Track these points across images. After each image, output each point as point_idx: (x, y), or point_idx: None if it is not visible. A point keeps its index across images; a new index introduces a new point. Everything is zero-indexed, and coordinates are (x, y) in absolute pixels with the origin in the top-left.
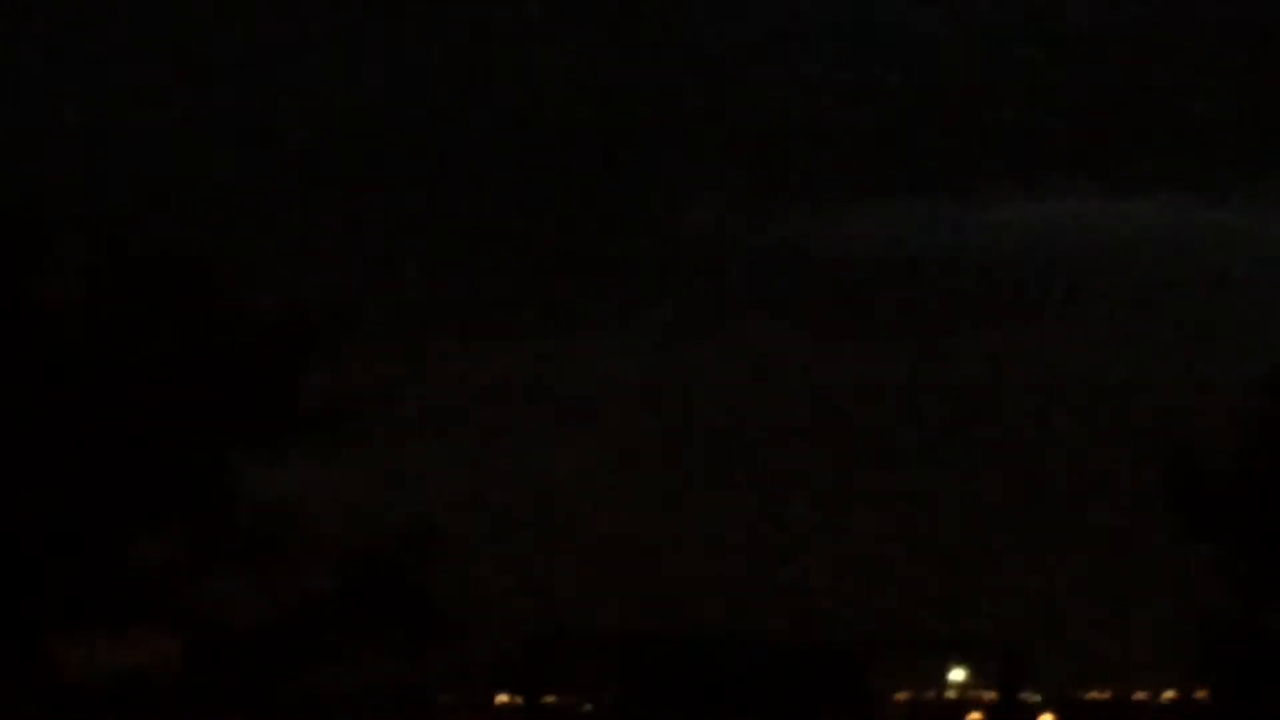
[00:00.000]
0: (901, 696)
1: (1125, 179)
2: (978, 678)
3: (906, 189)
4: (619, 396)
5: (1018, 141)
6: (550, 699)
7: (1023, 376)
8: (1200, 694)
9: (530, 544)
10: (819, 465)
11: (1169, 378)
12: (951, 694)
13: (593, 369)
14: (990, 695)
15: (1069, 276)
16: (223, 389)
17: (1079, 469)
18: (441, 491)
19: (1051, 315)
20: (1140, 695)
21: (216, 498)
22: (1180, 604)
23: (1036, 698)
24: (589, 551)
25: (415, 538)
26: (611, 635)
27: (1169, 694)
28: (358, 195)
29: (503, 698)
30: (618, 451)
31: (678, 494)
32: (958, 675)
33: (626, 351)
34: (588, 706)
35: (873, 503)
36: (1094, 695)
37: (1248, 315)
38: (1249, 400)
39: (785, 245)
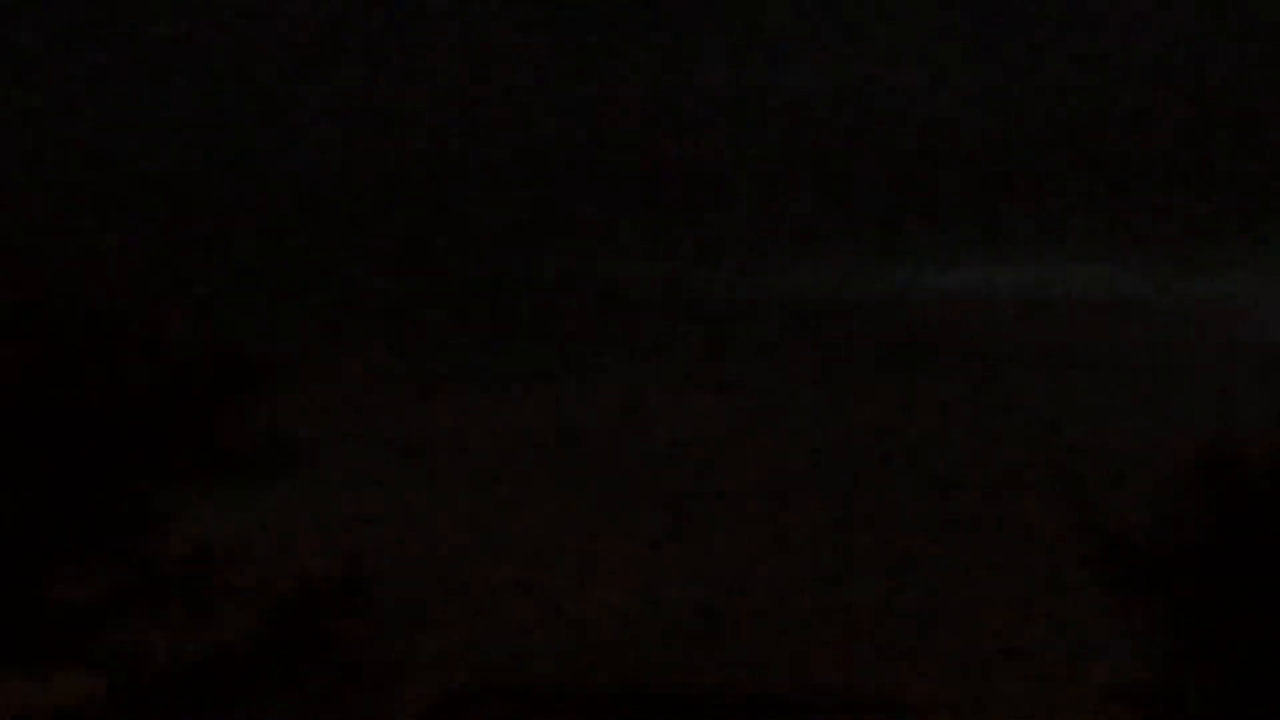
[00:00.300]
0: None
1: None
2: None
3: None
4: (549, 446)
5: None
6: None
7: (948, 437)
8: None
9: (453, 595)
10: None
11: (1093, 446)
12: None
13: (522, 419)
14: None
15: (990, 338)
16: (146, 429)
17: (1004, 533)
18: (366, 539)
19: (975, 377)
20: None
21: (140, 539)
22: (1104, 675)
23: None
24: (513, 604)
25: (339, 585)
26: (534, 689)
27: None
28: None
29: None
30: (547, 502)
31: (604, 546)
32: None
33: (555, 401)
34: None
35: (802, 558)
36: None
37: (1174, 385)
38: (1174, 473)
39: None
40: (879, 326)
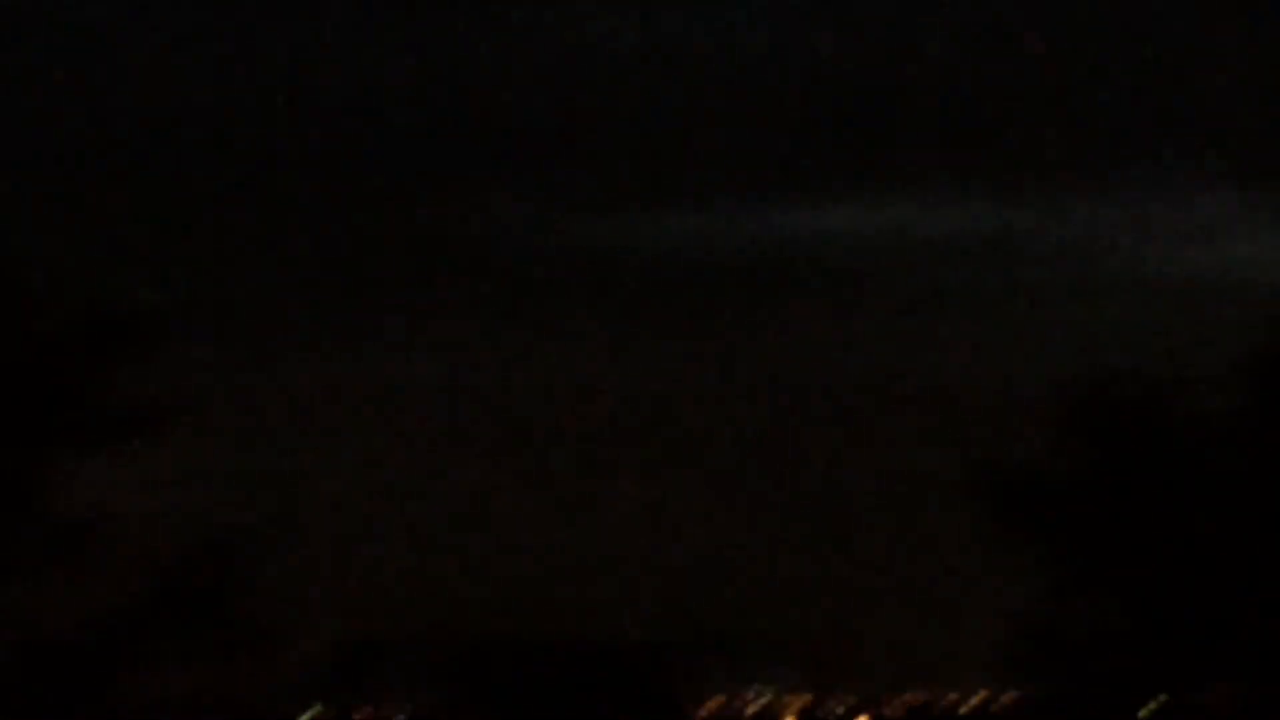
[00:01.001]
0: (713, 704)
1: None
2: (789, 682)
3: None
4: (428, 400)
5: (816, 146)
6: (361, 709)
7: (828, 378)
8: (1009, 696)
9: (341, 551)
10: (626, 466)
11: (974, 380)
12: (763, 700)
13: (403, 373)
14: (802, 701)
15: (873, 280)
16: (27, 390)
17: (888, 469)
18: (254, 497)
19: (857, 317)
20: (951, 697)
21: (20, 505)
22: (991, 606)
23: (850, 701)
24: (400, 557)
25: (225, 544)
26: (421, 642)
27: (979, 695)
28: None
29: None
30: (426, 456)
31: (486, 497)
32: (769, 680)
33: (435, 355)
34: (400, 717)
35: (682, 503)
36: (907, 698)
37: (1051, 317)
38: (1058, 402)
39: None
40: (748, 268)
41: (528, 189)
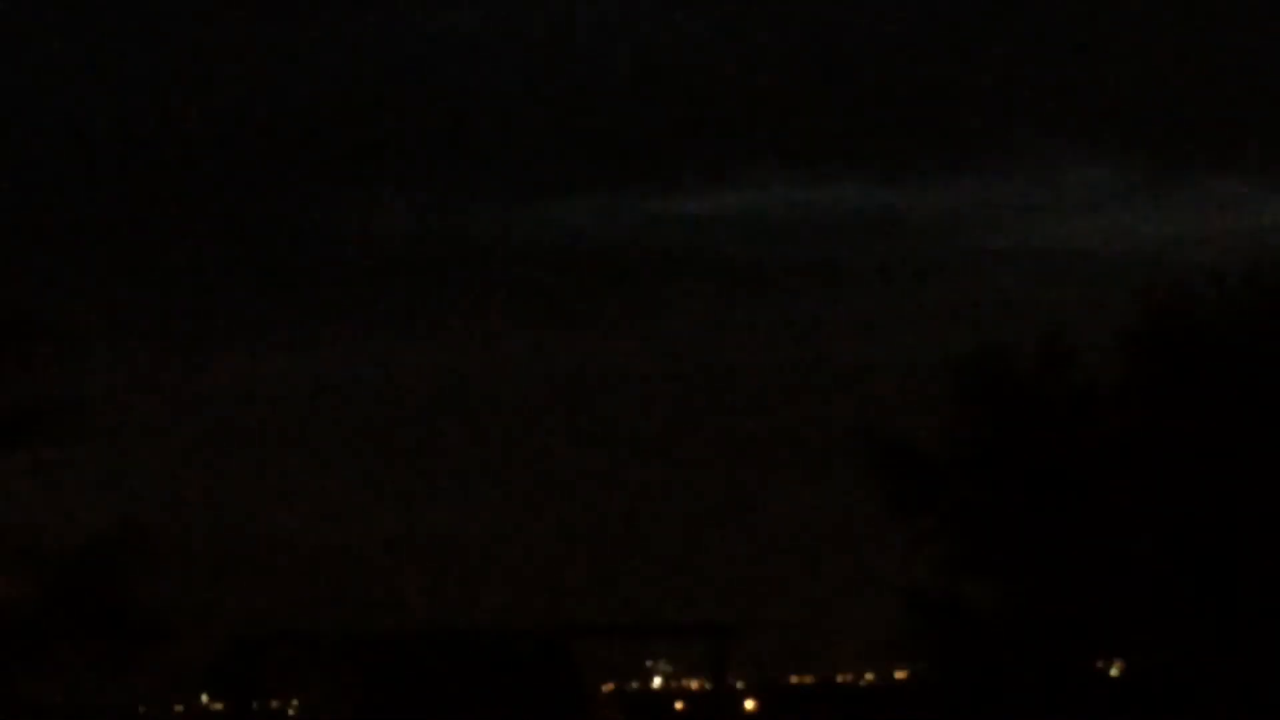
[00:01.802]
0: (607, 687)
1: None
2: (682, 665)
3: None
4: (319, 398)
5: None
6: (258, 703)
7: (718, 358)
8: (900, 675)
9: (235, 548)
10: (523, 452)
11: (862, 355)
12: (657, 683)
13: (292, 373)
14: (695, 684)
15: (768, 261)
16: None
17: (777, 450)
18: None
19: (743, 297)
20: (842, 678)
21: None
22: (880, 584)
23: (740, 684)
24: (294, 553)
25: (122, 541)
26: (318, 635)
27: (869, 676)
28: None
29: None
30: (317, 452)
31: (382, 490)
32: (661, 664)
33: (325, 354)
34: (292, 708)
35: (577, 489)
36: (796, 680)
37: (933, 292)
38: (947, 379)
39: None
40: (635, 254)
41: (412, 182)
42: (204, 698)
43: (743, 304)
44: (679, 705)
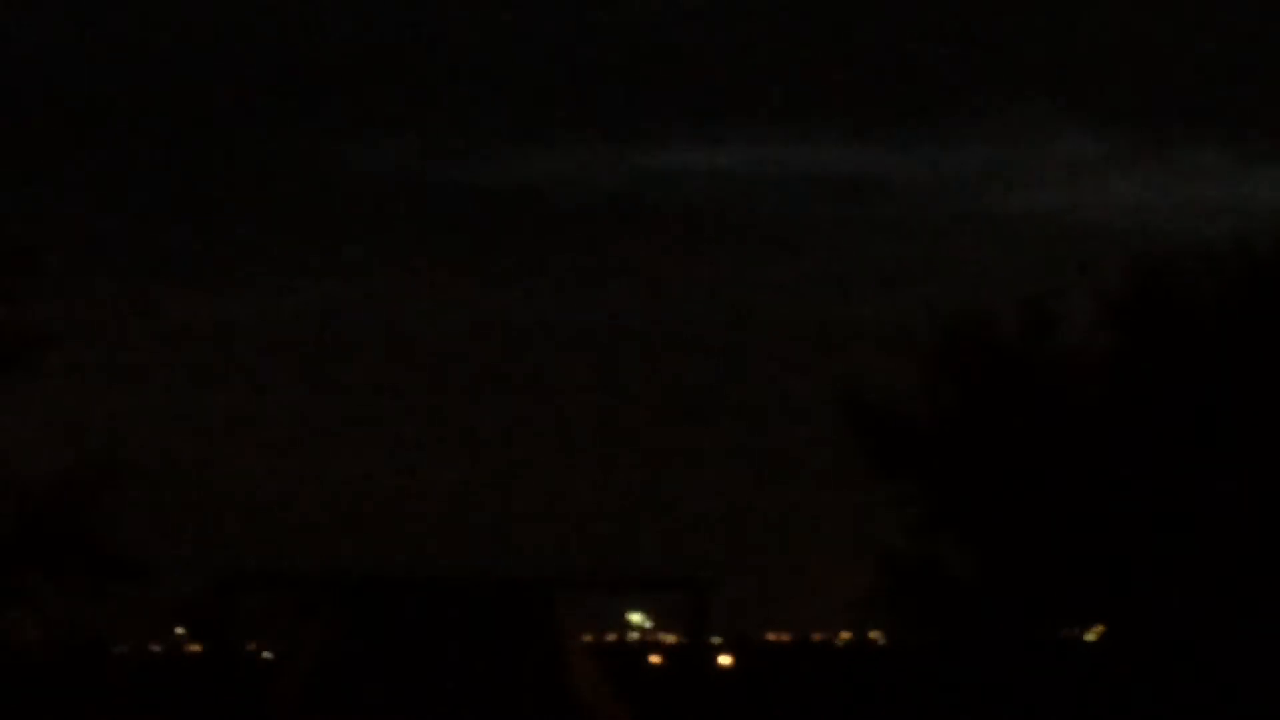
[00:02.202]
0: (585, 639)
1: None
2: (658, 619)
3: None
4: (296, 339)
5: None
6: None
7: (693, 315)
8: (874, 635)
9: (211, 485)
10: (502, 404)
11: (841, 318)
12: (633, 636)
13: (272, 313)
14: (671, 638)
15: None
16: None
17: (755, 407)
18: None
19: (718, 256)
20: (817, 636)
21: None
22: (858, 544)
23: (715, 640)
24: (272, 492)
25: (92, 478)
26: (294, 576)
27: (845, 635)
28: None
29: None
30: (296, 394)
31: (361, 435)
32: (637, 617)
33: (303, 295)
34: (267, 653)
35: (554, 442)
36: (772, 637)
37: (914, 257)
38: (928, 342)
39: (464, 188)
40: (627, 206)
41: (388, 131)
42: (178, 630)
43: (726, 262)
44: (655, 659)
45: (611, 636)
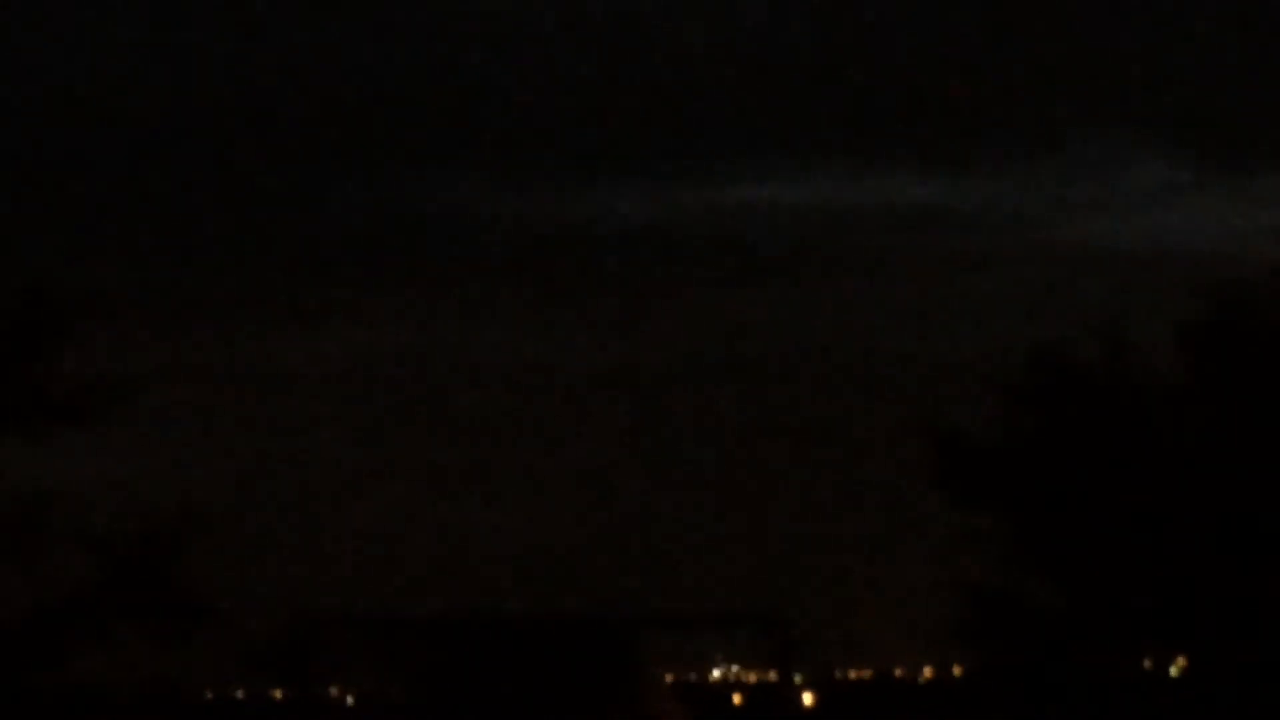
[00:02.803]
0: (668, 679)
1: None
2: (740, 657)
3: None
4: (372, 379)
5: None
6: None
7: (774, 348)
8: (957, 670)
9: (292, 531)
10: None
11: (920, 350)
12: (714, 675)
13: (348, 352)
14: (752, 676)
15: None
16: None
17: (836, 443)
18: (203, 479)
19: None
20: (899, 672)
21: None
22: (941, 578)
23: (797, 678)
24: (350, 537)
25: (179, 524)
26: (377, 620)
27: (927, 671)
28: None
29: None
30: (372, 435)
31: (438, 475)
32: (721, 655)
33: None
34: (350, 698)
35: (636, 477)
36: (853, 674)
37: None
38: (1005, 373)
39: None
40: (694, 240)
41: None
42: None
43: (794, 294)
44: (737, 698)
45: (693, 675)
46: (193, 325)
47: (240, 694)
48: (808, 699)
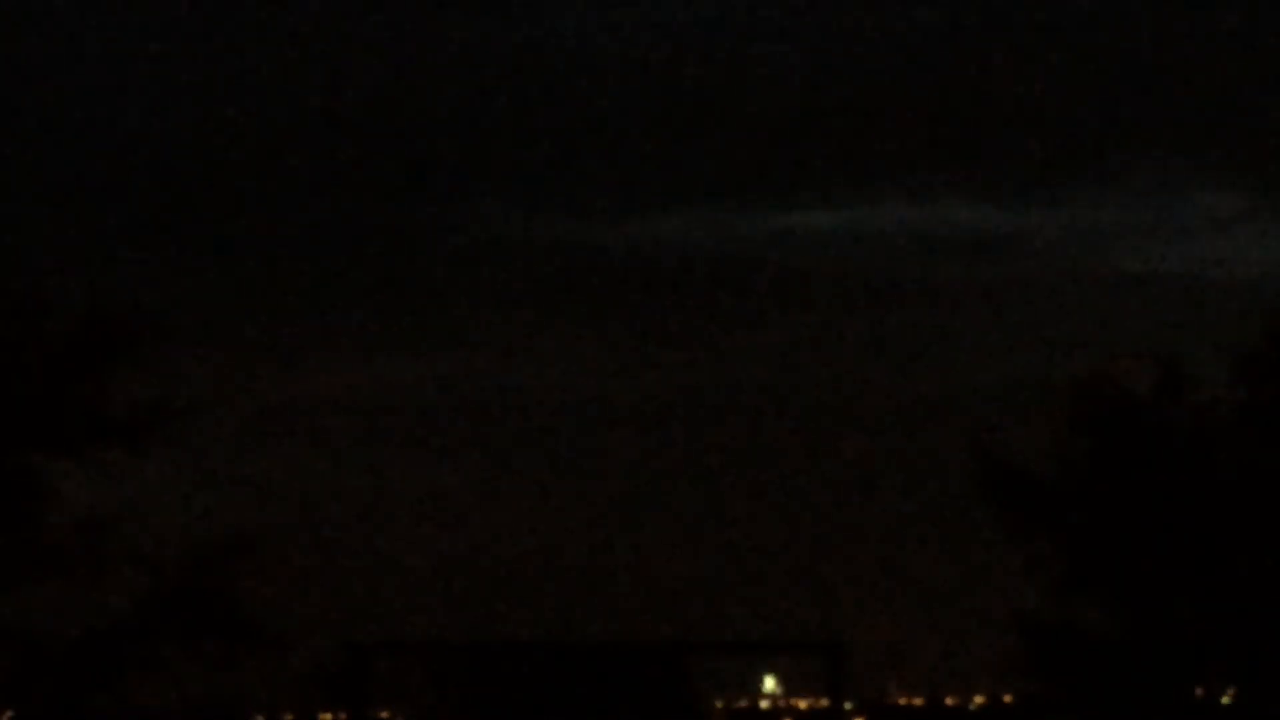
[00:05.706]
0: (718, 704)
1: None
2: (791, 683)
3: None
4: (429, 407)
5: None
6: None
7: (827, 376)
8: (1008, 698)
9: (346, 555)
10: (623, 467)
11: (974, 377)
12: (764, 703)
13: (402, 381)
14: (803, 703)
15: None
16: (29, 396)
17: (888, 471)
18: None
19: (855, 318)
20: (951, 700)
21: (28, 508)
22: (994, 606)
23: (847, 704)
24: (403, 562)
25: (231, 548)
26: (429, 645)
27: (979, 699)
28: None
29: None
30: (430, 462)
31: (491, 501)
32: (771, 682)
33: (432, 363)
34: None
35: (682, 504)
36: (905, 700)
37: (1050, 314)
38: (1061, 401)
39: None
40: (759, 268)
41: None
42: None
43: (846, 322)
44: None
45: (743, 702)
46: (249, 352)
47: (291, 718)
48: None
